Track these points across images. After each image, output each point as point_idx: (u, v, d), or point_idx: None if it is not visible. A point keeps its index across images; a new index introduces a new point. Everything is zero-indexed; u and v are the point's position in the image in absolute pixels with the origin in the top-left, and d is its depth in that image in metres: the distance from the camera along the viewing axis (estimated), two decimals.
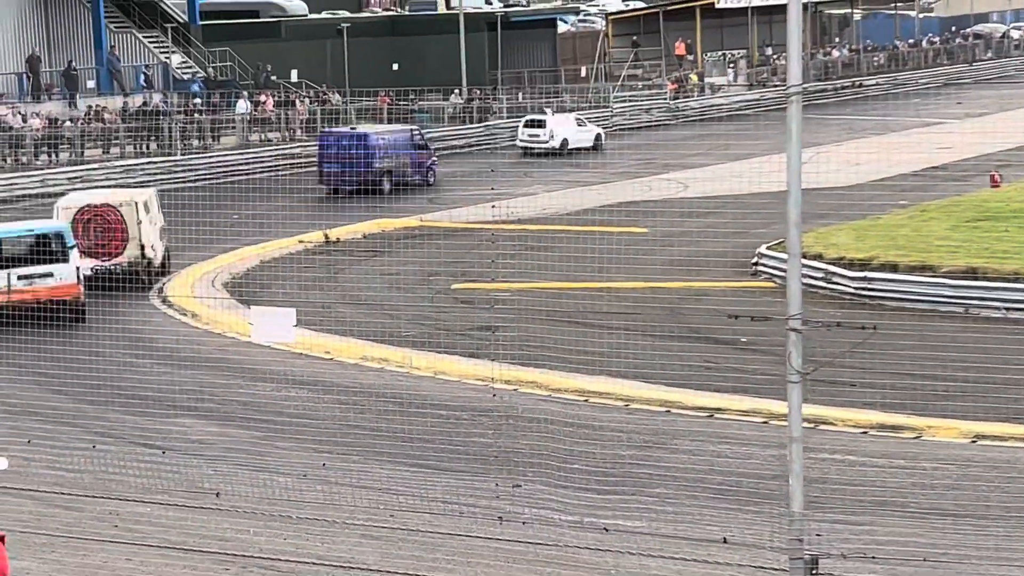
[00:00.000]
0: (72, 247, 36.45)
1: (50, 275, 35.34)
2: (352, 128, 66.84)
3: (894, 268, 34.20)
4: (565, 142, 72.70)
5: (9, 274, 34.65)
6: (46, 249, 36.06)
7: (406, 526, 19.09)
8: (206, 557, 17.75)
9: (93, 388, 26.53)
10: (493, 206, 27.62)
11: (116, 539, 18.46)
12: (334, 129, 67.24)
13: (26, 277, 35.07)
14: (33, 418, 25.23)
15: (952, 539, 18.38)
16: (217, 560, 17.68)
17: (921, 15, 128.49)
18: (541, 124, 74.45)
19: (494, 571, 17.15)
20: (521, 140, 74.14)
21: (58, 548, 18.00)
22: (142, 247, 40.22)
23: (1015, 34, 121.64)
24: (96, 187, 51.96)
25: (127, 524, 19.30)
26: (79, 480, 21.28)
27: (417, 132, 69.01)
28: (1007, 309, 31.84)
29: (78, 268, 36.03)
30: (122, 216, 40.93)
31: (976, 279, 33.00)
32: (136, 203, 41.91)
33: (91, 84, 74.70)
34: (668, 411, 25.89)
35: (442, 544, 18.32)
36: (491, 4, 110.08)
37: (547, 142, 73.86)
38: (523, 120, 76.13)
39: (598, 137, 75.01)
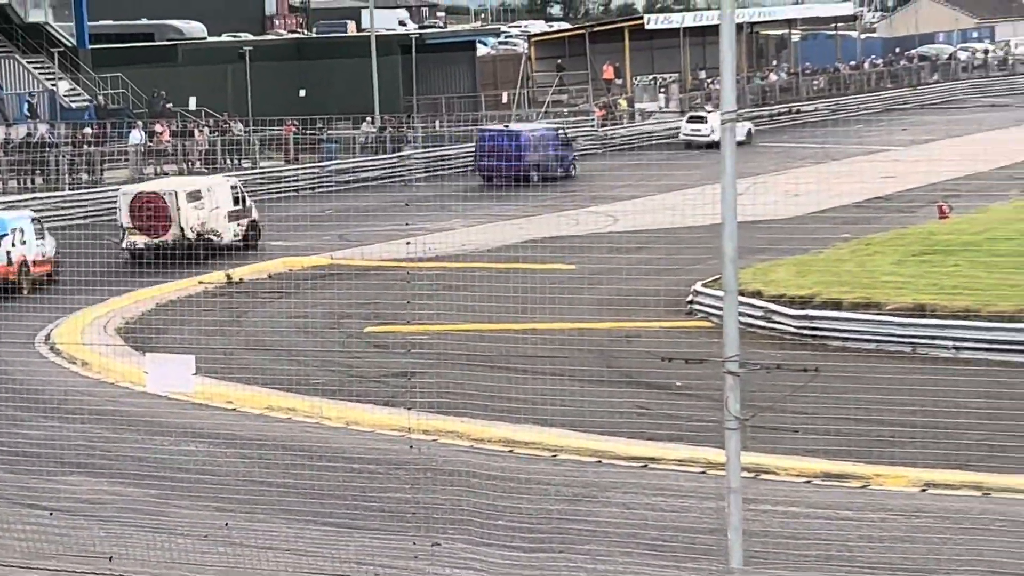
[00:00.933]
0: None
1: None
2: (506, 126, 78.60)
3: (837, 306, 34.42)
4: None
5: None
6: None
7: None
8: None
9: None
10: (408, 243, 27.73)
11: None
12: (490, 127, 78.96)
13: None
14: None
15: None
16: None
17: (863, 36, 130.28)
18: (703, 120, 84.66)
19: None
20: (684, 135, 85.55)
21: None
22: (182, 229, 52.18)
23: (962, 55, 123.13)
24: None
25: None
26: None
27: (562, 131, 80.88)
28: (956, 348, 32.10)
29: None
30: (166, 203, 53.15)
31: (924, 317, 33.31)
32: (177, 192, 54.41)
33: None
34: (599, 461, 25.84)
35: None
36: (405, 26, 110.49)
37: (708, 136, 78.49)
38: (686, 116, 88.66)
39: (749, 132, 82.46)
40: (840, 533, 21.59)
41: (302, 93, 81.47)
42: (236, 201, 56.59)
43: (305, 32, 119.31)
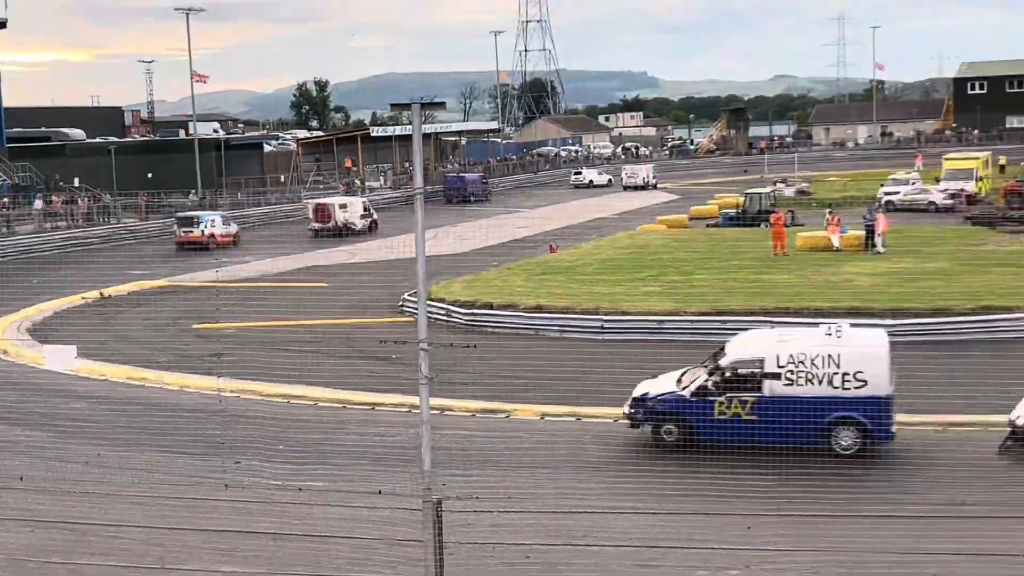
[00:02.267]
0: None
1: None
2: (458, 175, 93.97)
3: (490, 306, 34.59)
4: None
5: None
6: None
7: (160, 494, 18.52)
8: (15, 523, 16.81)
9: None
10: (216, 271, 27.32)
11: None
12: (450, 174, 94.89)
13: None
14: None
15: (531, 482, 18.66)
16: (24, 524, 16.75)
17: (504, 141, 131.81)
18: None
19: (224, 521, 16.72)
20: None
21: None
22: (336, 222, 64.44)
23: (563, 153, 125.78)
24: None
25: None
26: None
27: (484, 176, 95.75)
28: (561, 331, 32.52)
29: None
30: (329, 209, 65.80)
31: (542, 312, 33.62)
32: (335, 204, 67.60)
33: None
34: (344, 407, 25.41)
35: (187, 505, 17.80)
36: (218, 132, 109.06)
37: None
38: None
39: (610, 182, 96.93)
40: (493, 444, 21.50)
41: (150, 175, 79.08)
42: (365, 209, 69.08)
43: (152, 136, 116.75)
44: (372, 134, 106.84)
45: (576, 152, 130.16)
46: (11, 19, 77.50)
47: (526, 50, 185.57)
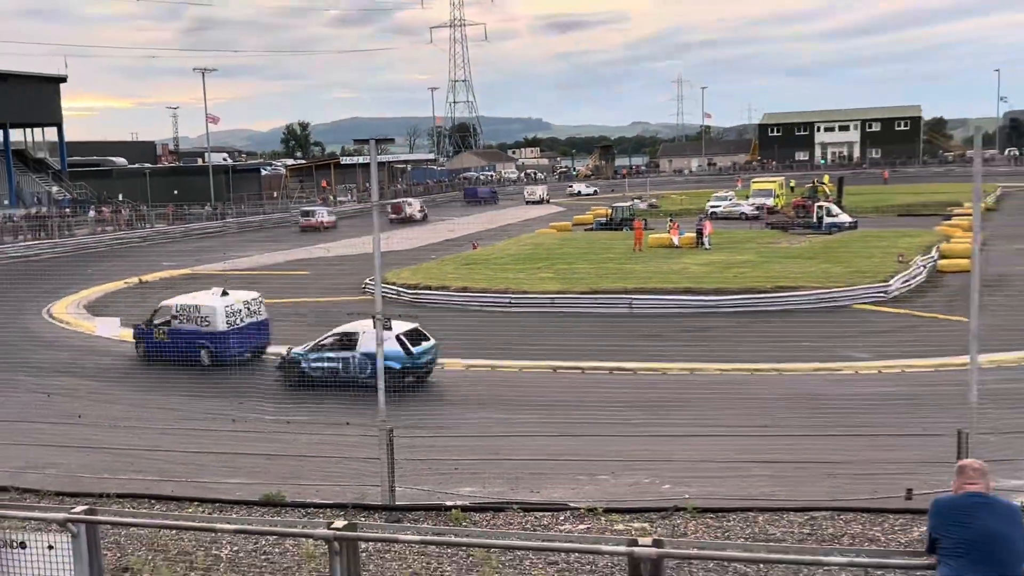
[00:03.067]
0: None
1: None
2: (475, 185, 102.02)
3: (429, 287, 34.46)
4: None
5: None
6: None
7: (183, 427, 18.18)
8: (75, 449, 16.35)
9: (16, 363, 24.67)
10: (224, 261, 26.53)
11: None
12: (468, 185, 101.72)
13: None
14: None
15: (460, 415, 18.57)
16: (82, 450, 16.27)
17: (439, 168, 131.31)
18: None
19: (231, 446, 16.45)
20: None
21: None
22: (406, 214, 70.48)
23: (481, 177, 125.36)
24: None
25: None
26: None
27: (494, 187, 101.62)
28: (481, 305, 32.48)
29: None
30: (401, 205, 73.01)
31: (466, 292, 33.58)
32: (405, 201, 76.22)
33: (6, 202, 68.38)
34: None
35: (203, 435, 17.46)
36: (227, 160, 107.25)
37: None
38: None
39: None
40: (431, 388, 21.00)
41: (175, 192, 77.58)
42: (422, 208, 75.21)
43: (176, 162, 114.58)
44: (341, 162, 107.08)
45: (491, 176, 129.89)
46: (71, 76, 76.88)
47: (454, 101, 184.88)
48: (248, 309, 25.36)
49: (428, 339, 22.54)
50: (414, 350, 21.56)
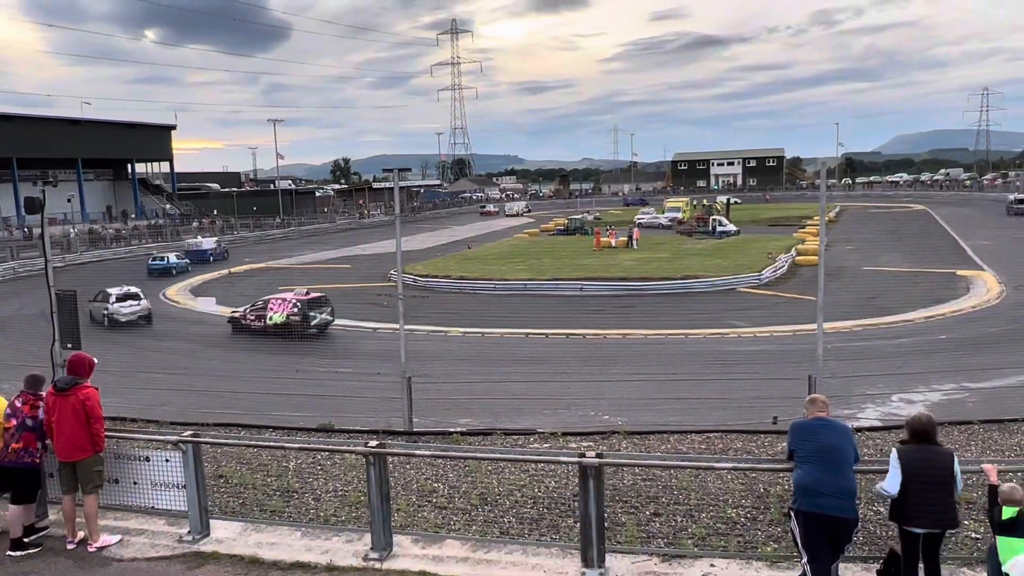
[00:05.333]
0: None
1: None
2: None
3: (435, 276, 34.16)
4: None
5: None
6: None
7: (259, 376, 17.96)
8: (179, 393, 16.15)
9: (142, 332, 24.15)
10: (290, 257, 25.60)
11: None
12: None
13: None
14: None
15: (460, 368, 18.46)
16: (184, 394, 16.11)
17: (442, 190, 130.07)
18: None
19: (294, 388, 16.22)
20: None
21: None
22: (513, 212, 67.13)
23: (475, 197, 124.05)
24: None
25: None
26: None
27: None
28: (474, 290, 32.00)
29: None
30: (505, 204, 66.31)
31: (463, 280, 33.30)
32: (515, 203, 67.02)
33: (133, 215, 67.12)
34: (359, 329, 24.36)
35: (273, 381, 17.20)
36: (292, 185, 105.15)
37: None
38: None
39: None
40: (438, 348, 20.44)
41: (254, 208, 76.50)
42: (526, 206, 74.27)
43: (256, 187, 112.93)
44: (373, 187, 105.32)
45: (481, 196, 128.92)
46: (179, 125, 77.36)
47: (455, 143, 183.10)
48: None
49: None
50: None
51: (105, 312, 26.00)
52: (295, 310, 23.26)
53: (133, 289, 27.16)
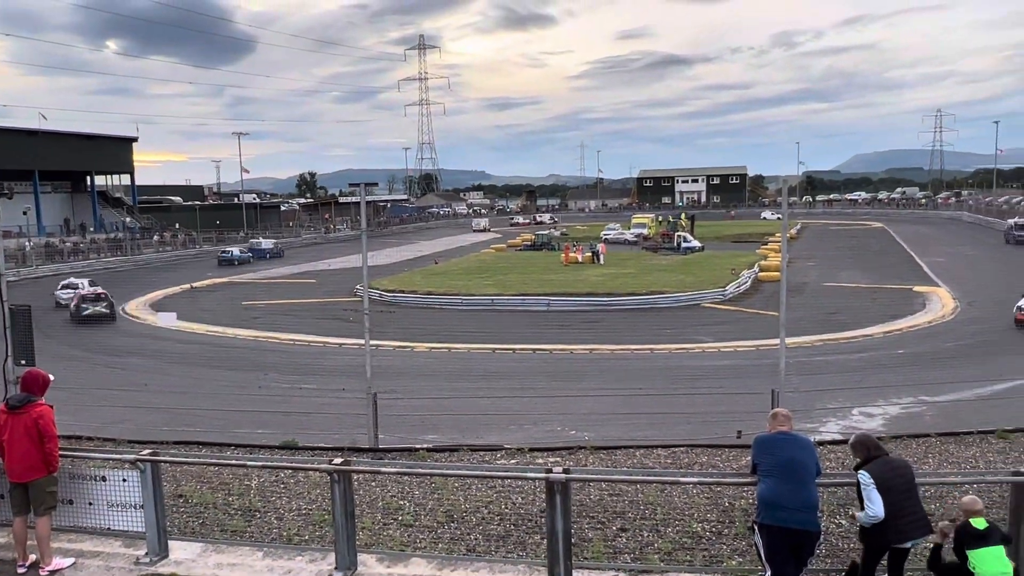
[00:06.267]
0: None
1: None
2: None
3: (403, 292, 33.99)
4: None
5: None
6: None
7: (221, 392, 17.60)
8: (140, 410, 15.74)
9: (100, 346, 23.48)
10: (253, 274, 25.45)
11: None
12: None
13: None
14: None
15: (427, 384, 18.33)
16: (145, 411, 15.70)
17: (410, 205, 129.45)
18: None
19: (257, 405, 15.92)
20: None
21: None
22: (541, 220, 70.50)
23: (442, 212, 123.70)
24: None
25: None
26: None
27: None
28: (443, 307, 31.95)
29: None
30: (537, 216, 72.17)
31: (430, 295, 33.19)
32: (544, 218, 72.35)
33: (91, 228, 65.51)
34: (324, 344, 23.98)
35: (236, 397, 16.89)
36: (255, 199, 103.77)
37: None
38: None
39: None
40: (404, 364, 20.37)
41: (218, 222, 75.06)
42: (551, 218, 75.91)
43: (219, 201, 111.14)
44: (339, 200, 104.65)
45: (448, 211, 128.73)
46: (141, 137, 75.42)
47: (422, 157, 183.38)
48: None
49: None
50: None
51: (64, 302, 30.39)
52: (76, 301, 28.72)
53: (100, 291, 30.62)
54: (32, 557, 6.43)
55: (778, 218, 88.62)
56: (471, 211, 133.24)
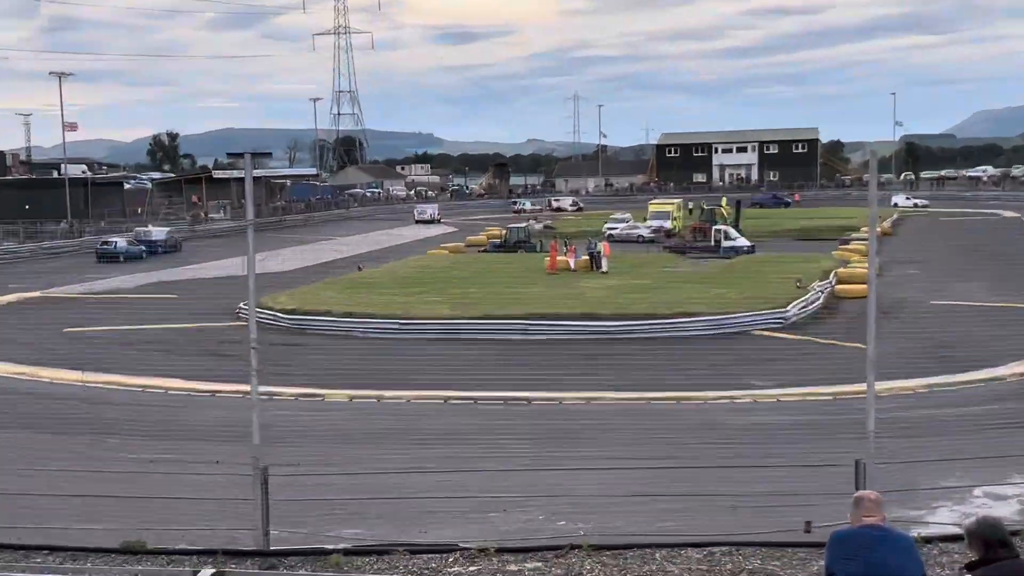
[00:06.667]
0: None
1: None
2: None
3: (308, 313, 33.98)
4: None
5: None
6: None
7: (36, 468, 17.38)
8: None
9: None
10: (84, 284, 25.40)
11: None
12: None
13: None
14: None
15: (343, 450, 18.35)
16: None
17: (321, 184, 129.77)
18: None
19: (87, 488, 15.75)
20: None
21: None
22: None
23: (368, 194, 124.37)
24: None
25: None
26: None
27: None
28: (364, 333, 32.14)
29: None
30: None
31: (351, 317, 33.24)
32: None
33: None
34: (190, 394, 24.34)
35: (55, 476, 16.72)
36: (85, 173, 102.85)
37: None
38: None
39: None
40: (309, 419, 21.06)
41: (27, 207, 74.23)
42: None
43: (29, 174, 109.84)
44: (214, 176, 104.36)
45: (378, 194, 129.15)
46: None
47: (339, 114, 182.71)
48: None
49: None
50: None
51: None
52: None
53: None
54: None
55: (895, 204, 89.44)
56: (413, 193, 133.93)
